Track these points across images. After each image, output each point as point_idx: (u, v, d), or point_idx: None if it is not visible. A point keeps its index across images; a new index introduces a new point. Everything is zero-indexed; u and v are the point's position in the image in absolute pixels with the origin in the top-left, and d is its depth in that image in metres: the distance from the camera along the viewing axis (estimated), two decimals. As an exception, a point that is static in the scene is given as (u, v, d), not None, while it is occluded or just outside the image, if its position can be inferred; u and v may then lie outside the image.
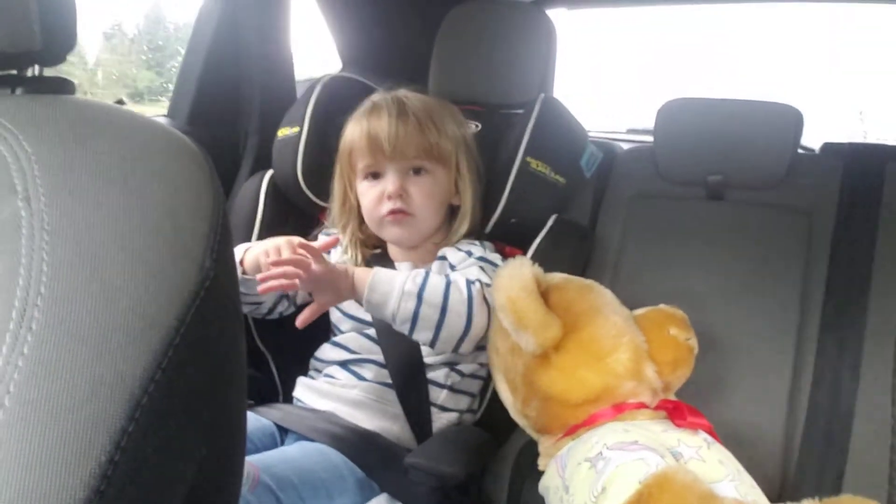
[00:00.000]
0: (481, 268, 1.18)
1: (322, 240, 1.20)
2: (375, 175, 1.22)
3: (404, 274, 1.10)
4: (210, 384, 0.43)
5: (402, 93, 1.26)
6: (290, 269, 1.03)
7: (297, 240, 1.12)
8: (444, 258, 1.24)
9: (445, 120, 1.25)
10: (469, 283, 1.11)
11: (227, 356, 0.45)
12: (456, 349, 1.13)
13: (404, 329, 1.09)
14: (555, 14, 1.50)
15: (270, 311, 1.25)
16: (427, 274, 1.10)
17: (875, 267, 1.25)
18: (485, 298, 1.12)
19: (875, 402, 1.18)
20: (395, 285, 1.08)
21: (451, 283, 1.10)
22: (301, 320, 1.11)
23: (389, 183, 1.20)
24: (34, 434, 0.35)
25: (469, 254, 1.23)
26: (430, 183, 1.22)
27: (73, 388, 0.35)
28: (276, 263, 1.05)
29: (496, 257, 1.24)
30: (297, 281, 1.04)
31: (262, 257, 1.11)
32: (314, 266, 1.06)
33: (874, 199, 1.29)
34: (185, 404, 0.41)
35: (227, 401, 0.45)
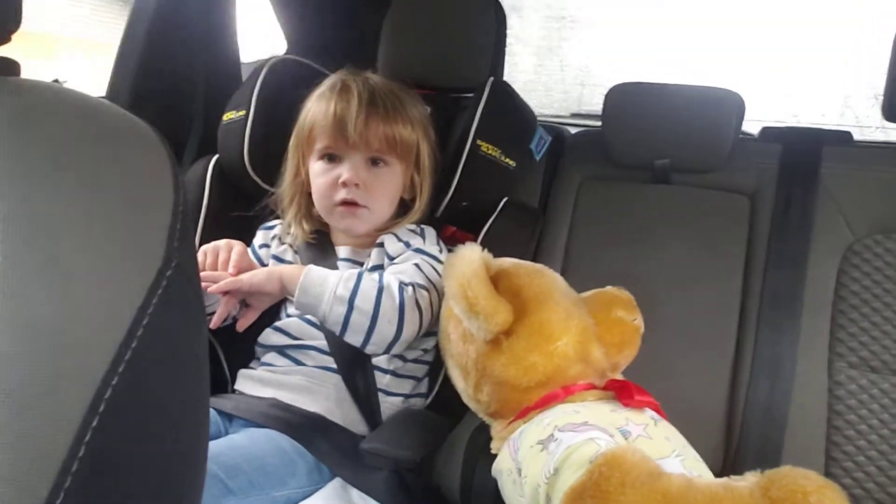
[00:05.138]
0: (417, 265, 1.17)
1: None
2: (332, 158, 1.20)
3: (336, 276, 1.10)
4: (175, 376, 0.42)
5: (371, 77, 1.24)
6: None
7: (234, 245, 1.18)
8: (381, 245, 1.22)
9: (412, 112, 1.23)
10: (402, 287, 1.11)
11: (191, 346, 0.44)
12: (387, 352, 1.14)
13: (335, 330, 1.10)
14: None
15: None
16: (359, 277, 1.10)
17: (812, 245, 1.30)
18: (417, 303, 1.12)
19: (812, 378, 1.23)
20: (326, 288, 1.08)
21: (384, 288, 1.10)
22: (240, 324, 1.17)
23: (346, 170, 1.17)
24: None
25: (407, 245, 1.22)
26: (387, 176, 1.21)
27: (33, 382, 0.34)
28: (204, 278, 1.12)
29: (435, 249, 1.23)
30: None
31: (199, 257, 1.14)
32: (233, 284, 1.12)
33: (811, 179, 1.34)
34: (150, 397, 0.40)
35: (192, 392, 0.44)
